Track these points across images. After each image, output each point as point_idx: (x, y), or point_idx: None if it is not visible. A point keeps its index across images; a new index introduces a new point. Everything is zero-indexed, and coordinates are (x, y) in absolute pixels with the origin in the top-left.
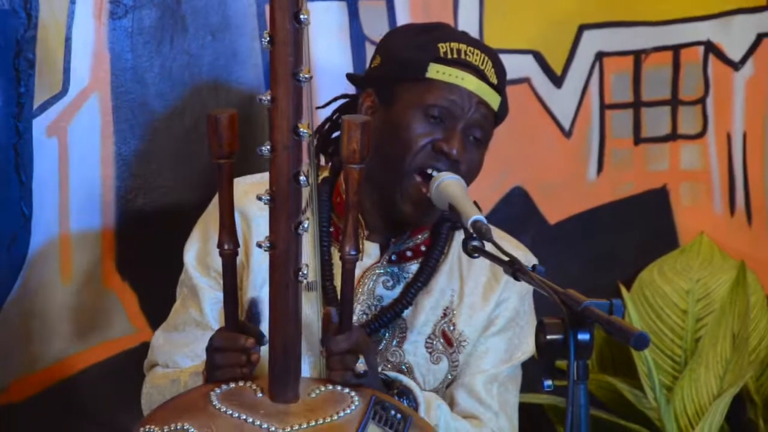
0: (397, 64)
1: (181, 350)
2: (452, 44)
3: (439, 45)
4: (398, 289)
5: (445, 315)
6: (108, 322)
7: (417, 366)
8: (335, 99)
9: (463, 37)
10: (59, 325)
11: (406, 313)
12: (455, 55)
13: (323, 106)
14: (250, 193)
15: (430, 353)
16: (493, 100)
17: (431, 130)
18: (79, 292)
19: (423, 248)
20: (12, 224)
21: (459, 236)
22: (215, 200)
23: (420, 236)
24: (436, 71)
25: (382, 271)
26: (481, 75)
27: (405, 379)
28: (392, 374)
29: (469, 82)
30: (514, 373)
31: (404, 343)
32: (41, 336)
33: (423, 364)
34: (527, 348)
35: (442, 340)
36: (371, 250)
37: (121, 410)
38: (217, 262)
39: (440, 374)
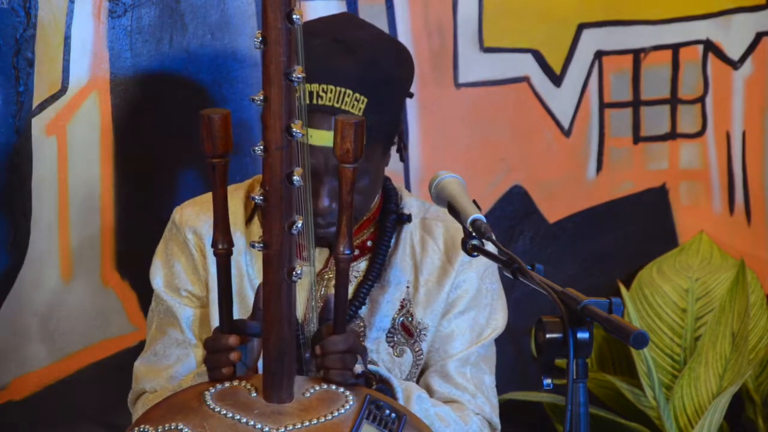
0: None
1: (165, 372)
2: (307, 86)
3: None
4: (350, 289)
5: (402, 307)
6: (107, 320)
7: (381, 362)
8: None
9: (322, 65)
10: (59, 324)
11: (363, 311)
12: (306, 101)
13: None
14: (202, 214)
15: (393, 347)
16: None
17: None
18: (78, 290)
19: (369, 243)
20: (11, 223)
21: (408, 228)
22: (168, 226)
23: (365, 232)
24: None
25: (331, 275)
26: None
27: (383, 371)
28: (372, 367)
29: (318, 137)
30: (487, 352)
31: (365, 342)
32: (41, 334)
33: (387, 359)
34: (497, 324)
35: (402, 333)
36: (320, 256)
37: (121, 409)
38: (184, 282)
39: (406, 366)
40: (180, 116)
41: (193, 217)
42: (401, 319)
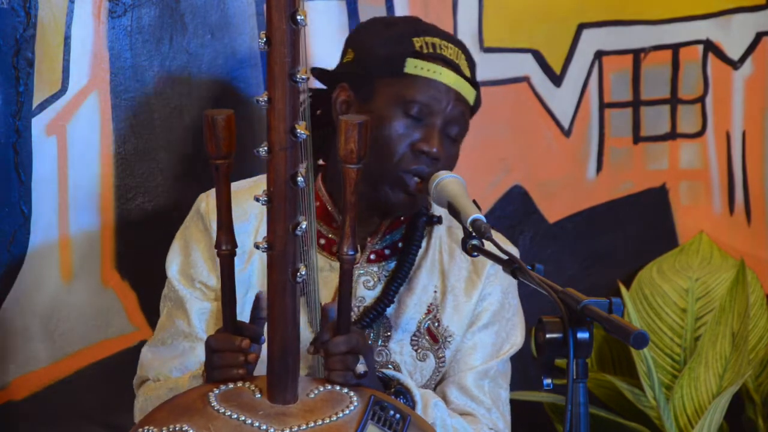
0: (374, 59)
1: (170, 363)
2: (427, 39)
3: (414, 39)
4: (379, 288)
5: (429, 312)
6: (107, 320)
7: (404, 364)
8: None
9: (435, 31)
10: (58, 324)
11: (390, 311)
12: (431, 50)
13: None
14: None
15: (416, 351)
16: (469, 93)
17: (410, 130)
18: (79, 290)
19: (400, 245)
20: (11, 223)
21: (437, 231)
22: (192, 213)
23: (396, 233)
24: (414, 66)
25: (362, 271)
26: (456, 69)
27: (403, 377)
28: (390, 372)
29: (446, 76)
30: (504, 368)
31: (390, 342)
32: (41, 334)
33: (410, 362)
34: (515, 340)
35: (427, 337)
36: None
37: (121, 409)
38: (200, 272)
39: (427, 371)
40: (180, 116)
41: None
42: (427, 323)
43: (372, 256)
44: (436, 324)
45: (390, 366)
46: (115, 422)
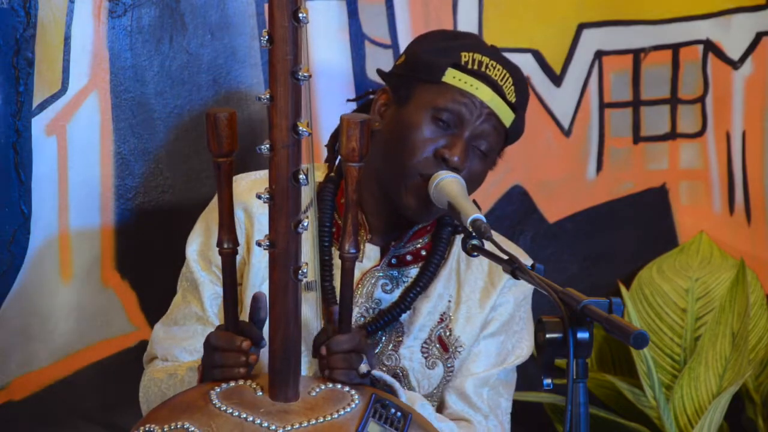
0: (418, 64)
1: (180, 344)
2: (475, 55)
3: (462, 53)
4: (397, 293)
5: (441, 320)
6: (107, 320)
7: (412, 371)
8: (366, 94)
9: (489, 51)
10: (59, 324)
11: (404, 317)
12: (475, 66)
13: (354, 100)
14: (255, 190)
15: (426, 358)
16: (506, 115)
17: (436, 136)
18: (79, 290)
19: (423, 252)
20: (11, 223)
21: (458, 241)
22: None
23: (420, 240)
24: (452, 76)
25: (381, 274)
26: (497, 89)
27: (389, 379)
28: (377, 373)
29: (483, 92)
30: (507, 377)
31: (400, 347)
32: (41, 334)
33: (418, 368)
34: (521, 353)
35: (438, 346)
36: (371, 253)
37: (121, 409)
38: (218, 257)
39: (435, 379)
40: (180, 116)
41: (246, 191)
42: (439, 332)
43: (393, 261)
44: (448, 333)
45: (398, 371)
46: (115, 422)
